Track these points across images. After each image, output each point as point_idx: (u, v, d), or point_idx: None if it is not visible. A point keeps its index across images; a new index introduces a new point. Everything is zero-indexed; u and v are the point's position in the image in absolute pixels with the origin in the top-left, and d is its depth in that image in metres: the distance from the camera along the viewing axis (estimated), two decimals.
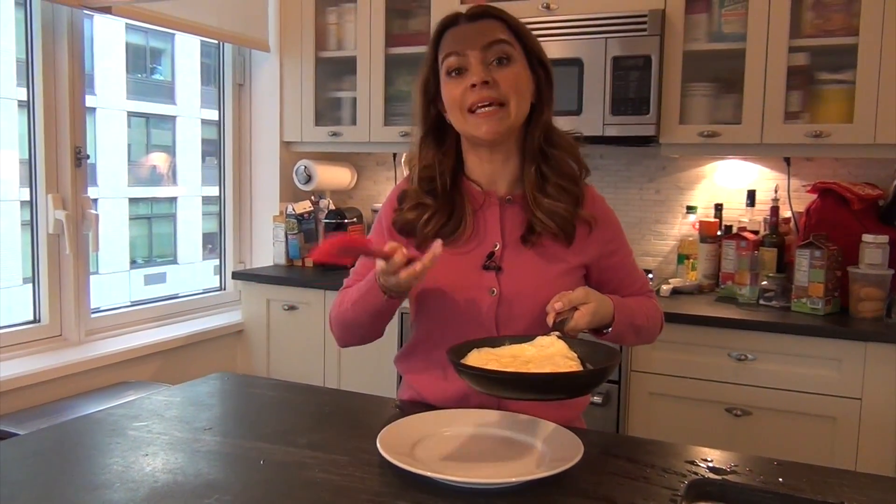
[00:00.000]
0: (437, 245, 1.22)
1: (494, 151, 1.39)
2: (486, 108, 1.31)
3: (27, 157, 2.53)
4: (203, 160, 11.92)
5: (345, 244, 1.24)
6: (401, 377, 1.55)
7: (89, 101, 2.66)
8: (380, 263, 1.24)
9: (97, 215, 2.60)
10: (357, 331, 1.44)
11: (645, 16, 2.53)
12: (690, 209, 2.89)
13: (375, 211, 3.35)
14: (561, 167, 1.39)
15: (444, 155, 1.41)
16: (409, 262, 1.21)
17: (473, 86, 1.31)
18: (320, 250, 1.18)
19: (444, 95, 1.37)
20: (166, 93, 12.19)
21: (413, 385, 1.49)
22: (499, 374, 1.08)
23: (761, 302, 2.48)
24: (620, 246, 1.49)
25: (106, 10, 2.49)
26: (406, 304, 1.47)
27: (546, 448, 1.17)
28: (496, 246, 1.39)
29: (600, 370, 1.13)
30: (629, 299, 1.45)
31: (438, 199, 1.39)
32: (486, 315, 1.36)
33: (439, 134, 1.42)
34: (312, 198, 3.30)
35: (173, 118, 12.17)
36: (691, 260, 2.81)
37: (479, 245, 1.39)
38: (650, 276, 2.83)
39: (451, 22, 1.37)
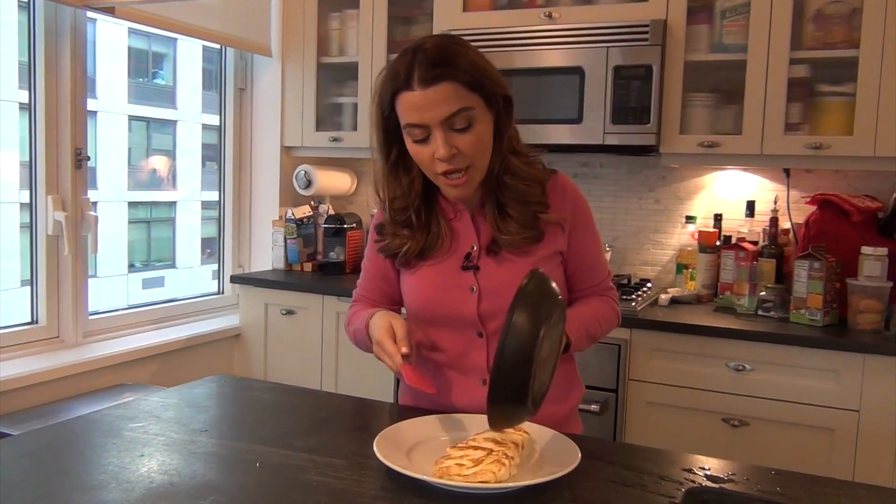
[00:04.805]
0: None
1: None
2: (454, 177, 1.32)
3: (27, 159, 2.53)
4: (203, 165, 11.93)
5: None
6: (398, 381, 1.56)
7: (90, 104, 2.66)
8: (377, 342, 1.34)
9: (96, 217, 2.60)
10: (365, 350, 1.50)
11: (646, 25, 2.54)
12: (690, 219, 2.90)
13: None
14: (520, 195, 1.39)
15: (412, 182, 1.41)
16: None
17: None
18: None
19: (410, 152, 1.35)
20: (167, 97, 12.21)
21: (413, 388, 1.50)
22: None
23: (760, 312, 2.48)
24: (587, 235, 1.49)
25: (109, 10, 2.50)
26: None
27: (543, 453, 1.17)
28: (473, 247, 1.42)
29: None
30: (583, 307, 1.48)
31: (413, 228, 1.43)
32: (468, 312, 1.41)
33: (403, 162, 1.40)
34: (312, 203, 3.31)
35: (174, 122, 12.19)
36: (690, 270, 2.81)
37: (457, 249, 1.43)
38: (648, 285, 2.83)
39: (404, 83, 1.28)
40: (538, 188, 1.41)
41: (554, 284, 1.18)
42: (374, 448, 1.12)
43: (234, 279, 3.16)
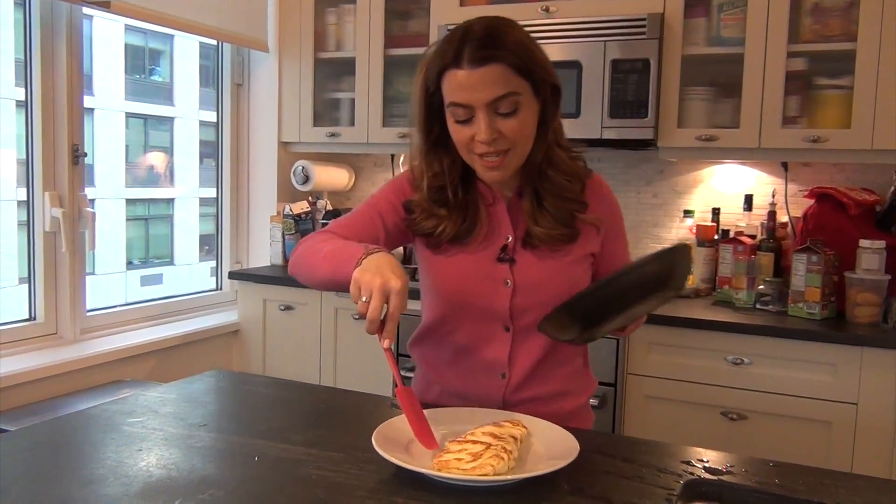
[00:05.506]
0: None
1: None
2: (489, 158, 1.30)
3: (24, 156, 2.52)
4: (201, 161, 11.92)
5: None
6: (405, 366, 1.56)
7: (87, 101, 2.65)
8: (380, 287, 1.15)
9: (94, 213, 2.60)
10: (308, 278, 1.37)
11: (644, 19, 2.53)
12: (688, 213, 2.90)
13: None
14: (560, 189, 1.37)
15: (453, 162, 1.38)
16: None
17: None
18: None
19: (450, 131, 1.33)
20: (165, 94, 12.20)
21: (426, 370, 1.51)
22: None
23: (758, 306, 2.48)
24: (619, 237, 1.49)
25: (105, 5, 2.49)
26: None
27: (542, 446, 1.17)
28: (508, 238, 1.40)
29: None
30: None
31: (450, 208, 1.39)
32: (500, 306, 1.38)
33: (444, 142, 1.37)
34: (310, 198, 3.30)
35: (171, 119, 12.18)
36: None
37: (493, 239, 1.40)
38: None
39: (452, 61, 1.26)
40: (578, 185, 1.39)
41: (689, 274, 1.21)
42: (373, 442, 1.11)
43: (232, 275, 3.16)
